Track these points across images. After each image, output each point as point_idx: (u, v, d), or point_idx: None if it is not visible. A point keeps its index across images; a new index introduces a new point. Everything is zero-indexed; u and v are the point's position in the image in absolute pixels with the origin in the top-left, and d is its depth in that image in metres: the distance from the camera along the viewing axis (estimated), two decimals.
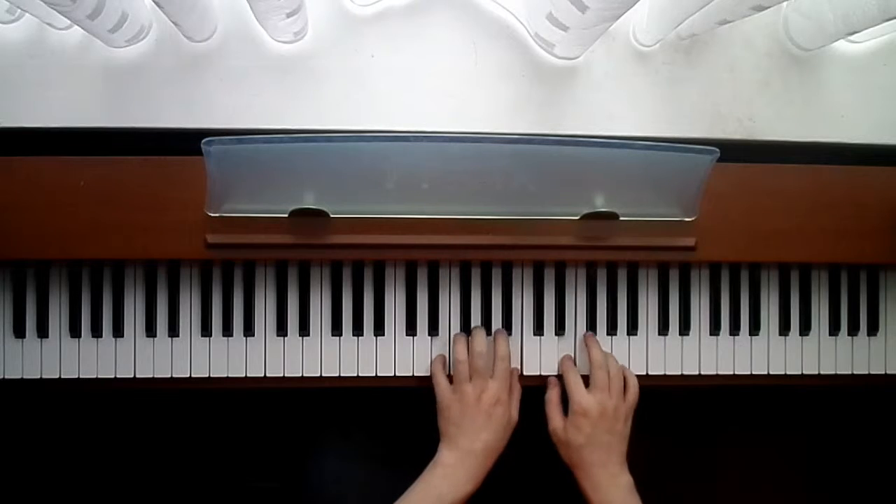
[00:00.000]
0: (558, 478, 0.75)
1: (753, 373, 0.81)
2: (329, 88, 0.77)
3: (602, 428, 0.73)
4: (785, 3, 0.74)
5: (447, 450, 0.72)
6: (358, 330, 0.79)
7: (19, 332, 0.76)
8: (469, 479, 0.71)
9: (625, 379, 0.77)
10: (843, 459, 1.00)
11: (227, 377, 0.77)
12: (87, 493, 0.93)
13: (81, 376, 0.76)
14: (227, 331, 0.78)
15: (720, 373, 0.81)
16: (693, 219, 0.74)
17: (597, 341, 0.79)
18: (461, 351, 0.75)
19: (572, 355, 0.80)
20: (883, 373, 0.82)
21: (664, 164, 0.69)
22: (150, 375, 0.77)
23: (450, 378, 0.76)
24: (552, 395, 0.77)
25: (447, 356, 0.79)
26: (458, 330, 0.79)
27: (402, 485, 0.72)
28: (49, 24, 0.74)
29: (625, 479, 0.72)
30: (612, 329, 0.80)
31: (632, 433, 0.76)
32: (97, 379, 0.77)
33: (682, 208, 0.74)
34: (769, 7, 0.66)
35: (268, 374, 0.78)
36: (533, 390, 0.79)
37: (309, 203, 0.71)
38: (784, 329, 0.82)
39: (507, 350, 0.76)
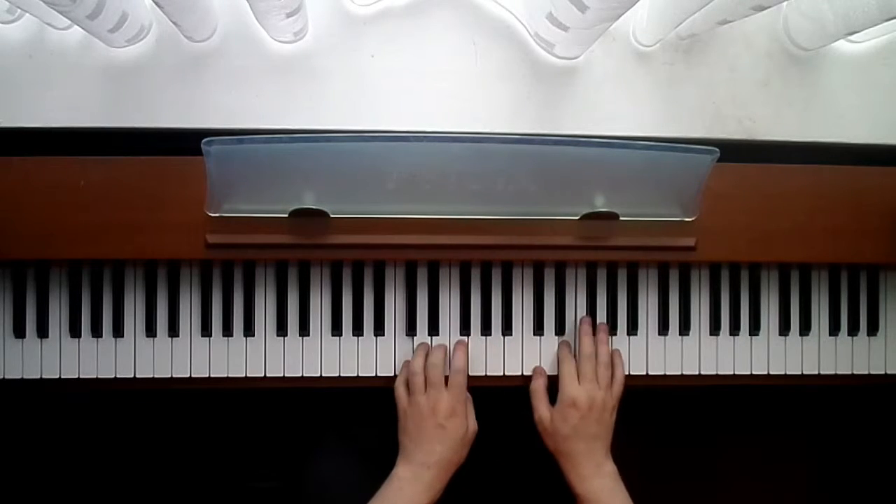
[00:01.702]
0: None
1: (753, 373, 0.81)
2: (329, 88, 0.77)
3: (590, 419, 0.73)
4: (785, 3, 0.74)
5: (403, 463, 0.72)
6: (358, 330, 0.79)
7: (19, 332, 0.76)
8: (425, 491, 0.70)
9: (612, 369, 0.77)
10: (844, 459, 1.00)
11: (227, 377, 0.77)
12: (88, 493, 0.93)
13: (81, 376, 0.76)
14: (227, 331, 0.78)
15: (720, 373, 0.81)
16: (693, 219, 0.74)
17: (591, 332, 0.78)
18: (418, 362, 0.75)
19: (572, 347, 0.79)
20: (883, 373, 0.82)
21: (664, 164, 0.69)
22: (150, 375, 0.77)
23: None
24: (538, 385, 0.77)
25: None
26: (458, 331, 0.79)
27: None
28: (49, 24, 0.73)
29: (609, 468, 0.73)
30: (612, 329, 0.80)
31: (631, 433, 0.76)
32: (97, 379, 0.77)
33: (682, 208, 0.74)
34: (769, 7, 0.66)
35: (268, 374, 0.78)
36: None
37: (309, 203, 0.71)
38: (784, 329, 0.82)
39: (464, 362, 0.76)
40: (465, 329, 0.79)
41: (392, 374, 0.79)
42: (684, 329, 0.81)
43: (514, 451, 0.88)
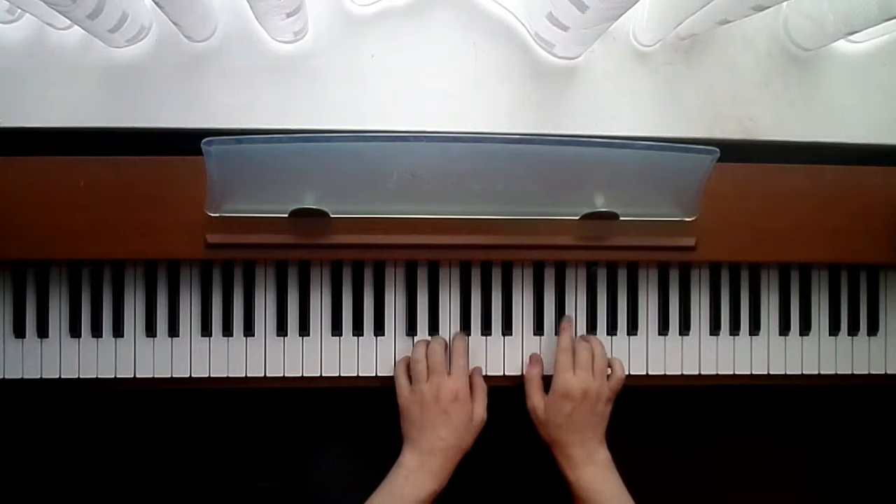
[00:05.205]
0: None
1: (753, 373, 0.81)
2: (329, 88, 0.77)
3: (584, 409, 0.73)
4: (785, 3, 0.74)
5: (409, 452, 0.72)
6: (358, 330, 0.79)
7: (19, 332, 0.76)
8: (432, 478, 0.70)
9: (610, 364, 0.77)
10: (844, 460, 1.00)
11: (227, 377, 0.77)
12: (87, 493, 0.93)
13: (81, 376, 0.76)
14: (227, 331, 0.78)
15: (720, 373, 0.81)
16: (693, 219, 0.74)
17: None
18: (419, 352, 0.75)
19: (573, 338, 0.78)
20: (883, 373, 0.82)
21: (664, 164, 0.69)
22: (150, 375, 0.77)
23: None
24: (533, 373, 0.77)
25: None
26: (458, 330, 0.79)
27: None
28: (49, 24, 0.74)
29: (602, 455, 0.73)
30: (612, 329, 0.80)
31: (631, 433, 0.76)
32: (97, 379, 0.77)
33: (682, 208, 0.74)
34: (769, 7, 0.66)
35: (268, 374, 0.78)
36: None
37: (309, 203, 0.71)
38: (784, 329, 0.82)
39: (463, 347, 0.76)
40: (465, 329, 0.79)
41: (392, 374, 0.78)
42: (684, 329, 0.81)
43: (515, 447, 0.88)
